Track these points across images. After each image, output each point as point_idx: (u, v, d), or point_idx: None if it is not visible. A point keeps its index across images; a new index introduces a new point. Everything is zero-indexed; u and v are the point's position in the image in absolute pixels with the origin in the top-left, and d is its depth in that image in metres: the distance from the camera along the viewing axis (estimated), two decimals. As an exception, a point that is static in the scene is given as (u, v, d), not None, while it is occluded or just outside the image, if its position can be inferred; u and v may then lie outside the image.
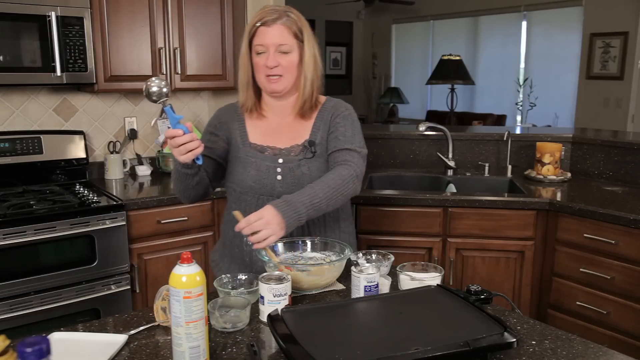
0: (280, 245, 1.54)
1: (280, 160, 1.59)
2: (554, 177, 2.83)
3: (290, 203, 1.38)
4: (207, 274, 1.94)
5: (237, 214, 1.41)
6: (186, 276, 1.03)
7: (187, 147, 1.37)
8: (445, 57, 6.96)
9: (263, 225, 1.33)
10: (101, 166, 2.95)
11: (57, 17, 2.42)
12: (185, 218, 2.61)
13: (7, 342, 0.82)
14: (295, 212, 1.37)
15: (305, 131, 1.63)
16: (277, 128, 1.64)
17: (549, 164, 2.85)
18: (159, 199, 2.53)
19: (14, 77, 2.38)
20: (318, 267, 1.44)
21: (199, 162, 1.46)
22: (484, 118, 6.85)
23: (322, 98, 1.68)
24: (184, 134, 1.37)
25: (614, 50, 5.64)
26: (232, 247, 1.66)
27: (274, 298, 1.24)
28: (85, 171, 2.85)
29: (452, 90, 7.05)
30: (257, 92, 1.64)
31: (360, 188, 1.56)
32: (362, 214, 2.58)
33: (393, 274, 1.51)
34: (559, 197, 2.52)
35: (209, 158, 1.61)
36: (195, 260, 1.06)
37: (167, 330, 1.23)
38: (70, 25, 2.47)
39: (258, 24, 1.52)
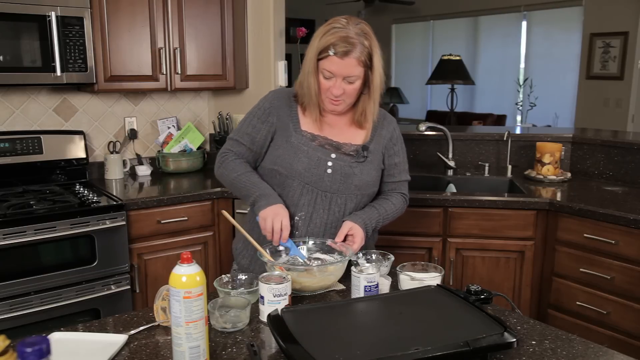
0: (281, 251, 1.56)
1: (333, 156, 1.62)
2: (554, 177, 2.83)
3: (368, 225, 1.63)
4: (208, 272, 1.94)
5: (225, 213, 1.55)
6: (186, 276, 1.03)
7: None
8: (445, 57, 6.96)
9: (361, 244, 1.59)
10: (101, 166, 2.95)
11: (57, 17, 2.42)
12: (185, 218, 2.61)
13: (7, 342, 0.82)
14: (365, 231, 1.62)
15: (359, 135, 1.68)
16: (330, 124, 1.67)
17: (549, 164, 2.85)
18: (159, 199, 2.53)
19: (14, 77, 2.38)
20: (321, 268, 1.45)
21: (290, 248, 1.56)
22: (484, 118, 6.85)
23: None
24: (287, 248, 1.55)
25: (614, 50, 5.64)
26: (259, 235, 1.65)
27: (274, 298, 1.24)
28: (85, 171, 2.85)
29: (452, 90, 7.05)
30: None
31: None
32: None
33: (393, 274, 1.51)
34: (559, 197, 2.52)
35: (251, 150, 1.66)
36: (195, 260, 1.06)
37: (167, 330, 1.23)
38: (70, 25, 2.47)
39: (331, 53, 1.51)
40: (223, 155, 1.69)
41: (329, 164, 1.61)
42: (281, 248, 1.54)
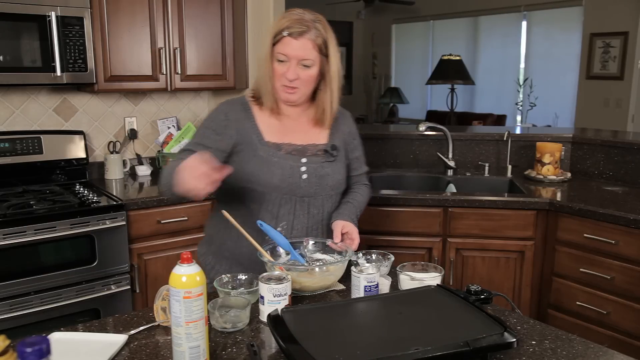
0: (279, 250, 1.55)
1: (304, 160, 1.60)
2: (554, 177, 2.83)
3: (354, 220, 1.66)
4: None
5: (225, 213, 1.48)
6: (186, 276, 1.03)
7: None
8: (445, 57, 6.96)
9: (358, 239, 1.60)
10: (101, 166, 2.95)
11: (57, 17, 2.42)
12: (185, 218, 2.61)
13: (7, 342, 0.82)
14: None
15: (321, 134, 1.66)
16: (290, 127, 1.64)
17: (549, 164, 2.85)
18: (159, 199, 2.53)
19: (14, 77, 2.38)
20: (321, 268, 1.45)
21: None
22: (484, 118, 6.85)
23: None
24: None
25: (614, 50, 5.64)
26: (238, 248, 1.62)
27: (274, 298, 1.24)
28: (85, 171, 2.85)
29: (452, 90, 7.05)
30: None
31: None
32: (362, 214, 2.57)
33: (393, 274, 1.51)
34: (559, 197, 2.52)
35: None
36: (195, 260, 1.06)
37: (167, 330, 1.23)
38: (70, 25, 2.47)
39: (285, 34, 1.49)
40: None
41: (303, 169, 1.59)
42: (281, 251, 1.53)
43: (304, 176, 1.59)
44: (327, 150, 1.64)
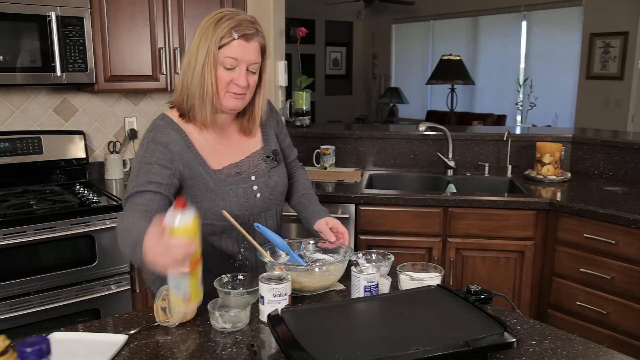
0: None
1: (253, 178, 1.53)
2: (554, 177, 2.83)
3: (326, 210, 1.65)
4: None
5: (225, 213, 1.44)
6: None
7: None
8: (445, 57, 6.96)
9: (346, 229, 1.59)
10: (101, 166, 2.95)
11: (57, 17, 2.42)
12: (185, 218, 2.61)
13: (7, 342, 0.82)
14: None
15: (255, 139, 1.59)
16: (225, 141, 1.54)
17: (549, 164, 2.85)
18: (159, 199, 2.52)
19: (14, 77, 2.38)
20: (321, 268, 1.45)
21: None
22: (484, 118, 6.85)
23: None
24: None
25: (614, 50, 5.64)
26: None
27: (274, 298, 1.24)
28: (85, 171, 2.85)
29: (452, 90, 7.05)
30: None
31: None
32: (362, 214, 2.58)
33: (393, 274, 1.51)
34: (559, 197, 2.52)
35: (163, 195, 1.38)
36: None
37: (167, 330, 1.23)
38: (70, 25, 2.47)
39: (235, 36, 1.37)
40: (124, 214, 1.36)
41: (255, 188, 1.52)
42: (282, 253, 1.53)
43: (258, 195, 1.53)
44: (269, 156, 1.58)
